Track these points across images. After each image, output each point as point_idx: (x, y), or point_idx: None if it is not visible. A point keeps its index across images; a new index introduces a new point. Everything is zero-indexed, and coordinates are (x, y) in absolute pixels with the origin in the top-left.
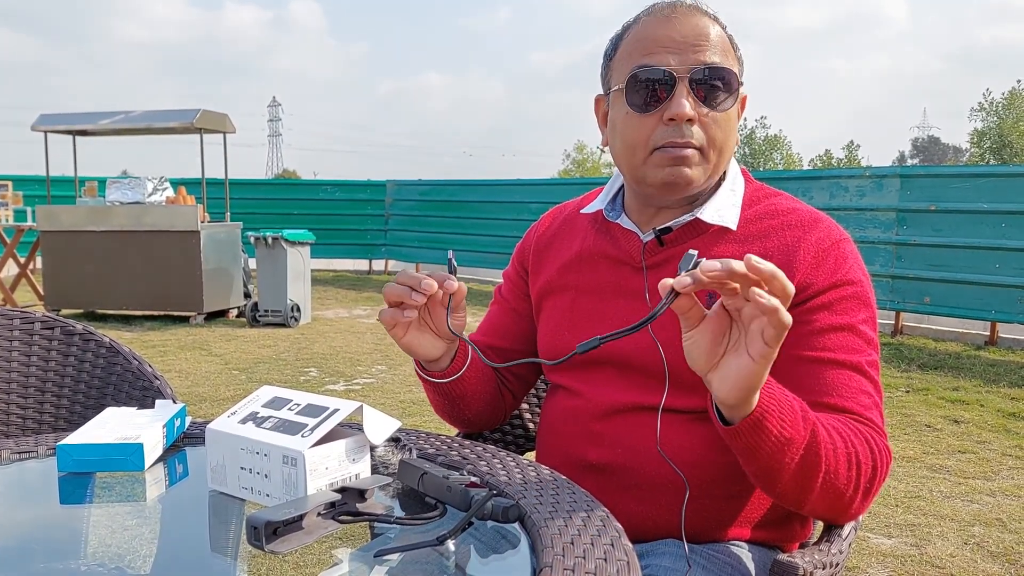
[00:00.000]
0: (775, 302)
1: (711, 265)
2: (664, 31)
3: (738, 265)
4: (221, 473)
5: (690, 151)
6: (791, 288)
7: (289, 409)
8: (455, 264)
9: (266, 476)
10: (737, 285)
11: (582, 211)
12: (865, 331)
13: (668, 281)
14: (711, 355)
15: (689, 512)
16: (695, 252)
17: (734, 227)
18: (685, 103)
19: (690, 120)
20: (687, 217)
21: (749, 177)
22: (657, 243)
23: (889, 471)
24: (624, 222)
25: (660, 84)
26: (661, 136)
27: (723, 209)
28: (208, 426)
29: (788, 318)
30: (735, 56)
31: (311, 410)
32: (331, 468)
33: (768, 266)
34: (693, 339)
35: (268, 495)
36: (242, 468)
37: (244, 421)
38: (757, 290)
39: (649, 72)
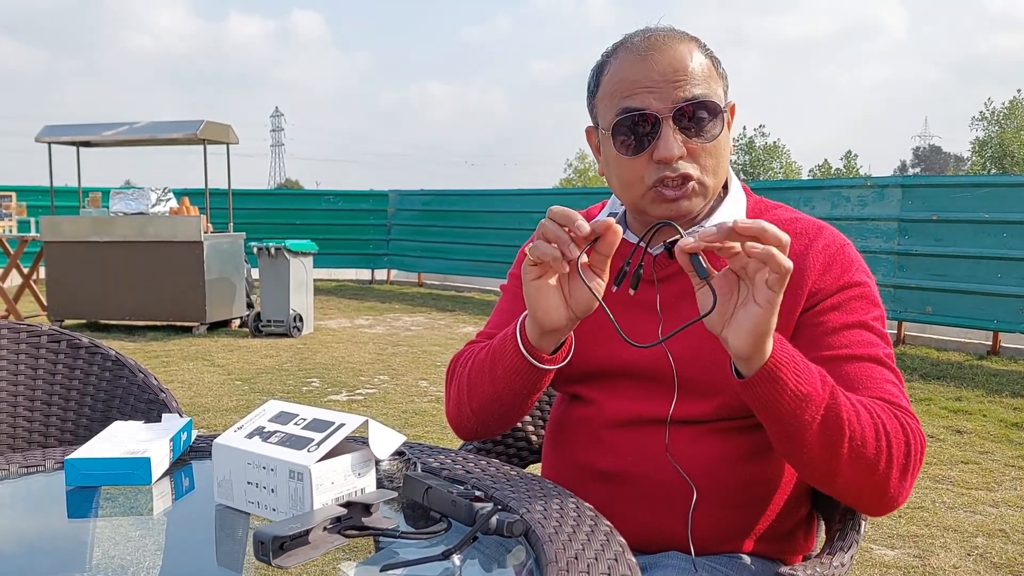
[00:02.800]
0: (771, 249)
1: (707, 230)
2: (642, 71)
3: (730, 225)
4: (228, 487)
5: (688, 186)
6: (784, 237)
7: (295, 424)
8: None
9: (272, 491)
10: (736, 245)
11: None
12: (877, 327)
13: (684, 243)
14: (723, 313)
15: (694, 523)
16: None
17: None
18: (672, 144)
19: (681, 157)
20: (695, 230)
21: (749, 191)
22: (667, 256)
23: (924, 456)
24: (631, 237)
25: (645, 126)
26: (654, 174)
27: (728, 221)
28: (215, 440)
29: (787, 262)
30: (718, 75)
31: (317, 424)
32: (337, 483)
33: (756, 223)
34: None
35: (275, 509)
36: (249, 482)
37: (251, 435)
38: (752, 243)
39: (632, 116)
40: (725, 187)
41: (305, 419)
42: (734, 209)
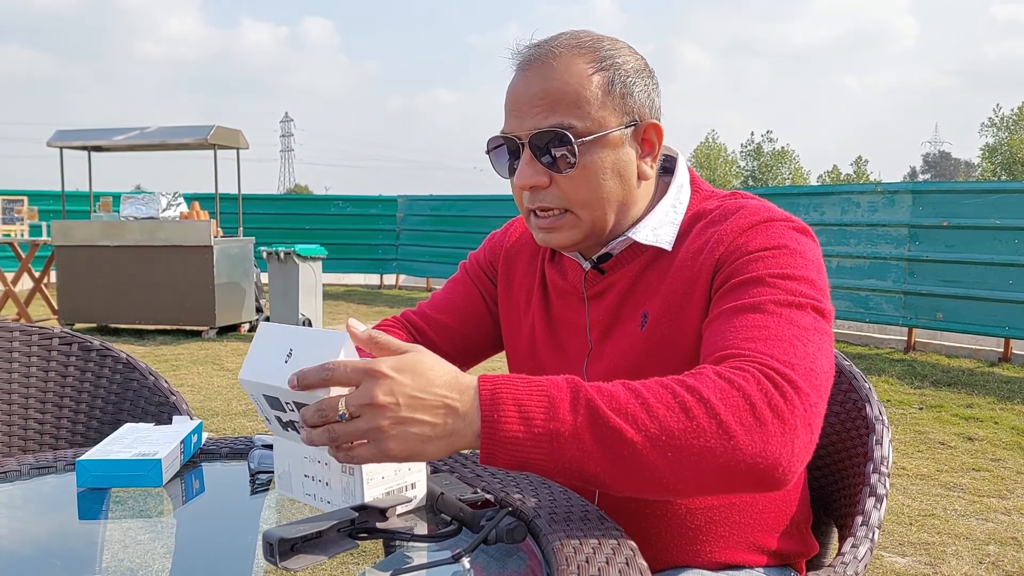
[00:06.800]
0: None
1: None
2: (515, 91)
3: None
4: (287, 480)
5: (552, 218)
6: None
7: None
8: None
9: (327, 484)
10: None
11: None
12: (775, 281)
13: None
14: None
15: (697, 543)
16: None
17: (669, 247)
18: (526, 172)
19: (538, 186)
20: (622, 239)
21: (700, 187)
22: (597, 272)
23: (798, 392)
24: (567, 251)
25: (510, 150)
26: (526, 199)
27: (660, 228)
28: (276, 436)
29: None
30: (607, 94)
31: None
32: (387, 477)
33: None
34: None
35: (328, 502)
36: (305, 476)
37: None
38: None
39: (500, 138)
40: (669, 182)
41: None
42: (671, 213)
